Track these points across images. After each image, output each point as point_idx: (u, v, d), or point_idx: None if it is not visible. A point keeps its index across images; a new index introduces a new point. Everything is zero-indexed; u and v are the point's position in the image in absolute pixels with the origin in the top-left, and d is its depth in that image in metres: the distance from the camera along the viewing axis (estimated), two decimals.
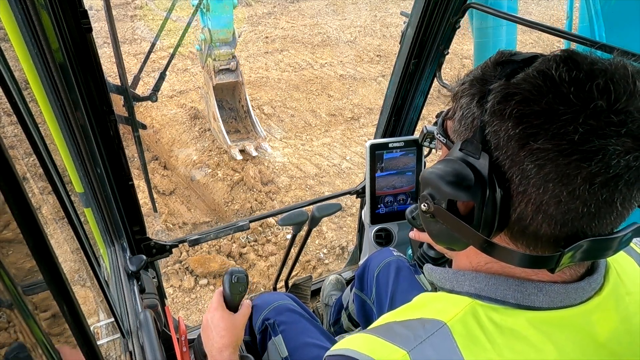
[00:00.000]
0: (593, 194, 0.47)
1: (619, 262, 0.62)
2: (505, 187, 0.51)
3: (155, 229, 3.71)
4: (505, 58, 0.55)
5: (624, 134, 0.46)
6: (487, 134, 0.51)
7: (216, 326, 1.02)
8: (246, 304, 1.08)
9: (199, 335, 1.11)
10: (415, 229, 1.28)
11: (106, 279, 1.31)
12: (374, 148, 1.61)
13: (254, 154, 4.41)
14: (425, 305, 0.60)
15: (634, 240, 0.66)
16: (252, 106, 4.79)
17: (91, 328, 0.69)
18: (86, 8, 0.91)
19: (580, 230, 0.50)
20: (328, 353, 0.60)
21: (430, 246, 1.25)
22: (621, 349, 0.56)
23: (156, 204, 3.79)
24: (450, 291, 0.61)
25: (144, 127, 3.48)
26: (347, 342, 0.58)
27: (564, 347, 0.52)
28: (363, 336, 0.58)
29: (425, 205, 0.57)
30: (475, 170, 0.52)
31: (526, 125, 0.48)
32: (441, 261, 1.21)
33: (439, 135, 0.62)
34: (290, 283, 2.04)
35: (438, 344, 0.52)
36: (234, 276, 1.04)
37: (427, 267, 0.68)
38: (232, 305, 1.06)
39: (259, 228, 3.63)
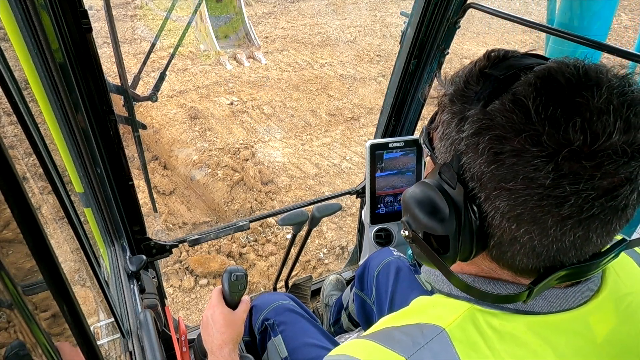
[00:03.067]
0: (564, 234, 0.47)
1: (618, 262, 0.61)
2: (481, 217, 0.51)
3: (155, 229, 3.71)
4: (489, 69, 0.52)
5: (599, 177, 0.43)
6: (463, 164, 0.50)
7: (216, 323, 1.02)
8: (245, 301, 1.08)
9: (199, 334, 1.11)
10: None
11: (106, 279, 1.31)
12: (374, 148, 1.61)
13: (246, 64, 4.05)
14: (423, 310, 0.60)
15: None
16: (251, 106, 4.71)
17: (91, 328, 0.69)
18: (86, 8, 0.91)
19: (557, 260, 0.50)
20: (325, 358, 0.59)
21: None
22: (621, 349, 0.55)
23: (156, 204, 3.78)
24: (448, 295, 0.60)
25: (144, 127, 3.47)
26: (345, 348, 0.58)
27: (563, 351, 0.52)
28: (361, 342, 0.57)
29: (405, 230, 0.58)
30: (451, 201, 0.52)
31: (498, 164, 0.46)
32: None
33: (424, 145, 0.61)
34: (290, 283, 2.04)
35: (437, 350, 0.52)
36: (233, 275, 1.05)
37: (425, 269, 0.67)
38: (231, 303, 1.06)
39: (259, 228, 3.63)
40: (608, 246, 0.53)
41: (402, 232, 0.59)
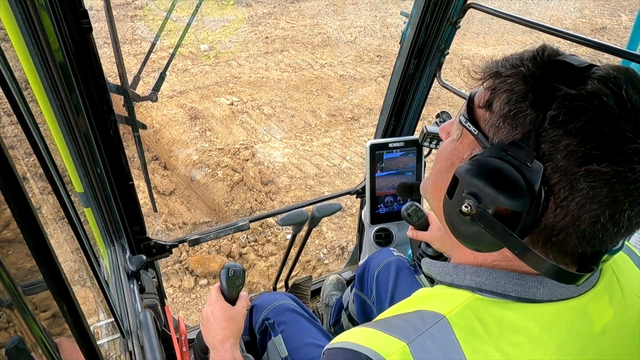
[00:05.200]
0: (629, 219, 0.49)
1: (613, 257, 0.63)
2: (547, 198, 0.50)
3: (155, 229, 3.71)
4: (561, 58, 0.53)
5: None
6: (543, 142, 0.50)
7: (216, 318, 1.03)
8: (243, 296, 1.08)
9: (200, 331, 1.11)
10: (411, 228, 1.28)
11: (106, 279, 1.31)
12: (374, 148, 1.61)
13: None
14: (424, 300, 0.61)
15: (630, 240, 0.67)
16: (251, 106, 4.73)
17: (91, 328, 0.69)
18: (86, 8, 0.91)
19: (604, 245, 0.52)
20: (327, 346, 0.60)
21: (428, 244, 1.26)
22: (616, 340, 0.57)
23: (156, 204, 3.78)
24: (450, 285, 0.61)
25: (144, 127, 3.47)
26: (346, 336, 0.59)
27: (562, 339, 0.53)
28: (362, 329, 0.58)
29: (468, 206, 0.52)
30: (525, 179, 0.50)
31: (593, 145, 0.47)
32: (440, 260, 1.21)
33: (468, 124, 0.57)
34: (290, 283, 2.04)
35: (437, 336, 0.52)
36: (230, 270, 1.05)
37: (425, 261, 0.68)
38: (230, 299, 1.07)
39: (259, 228, 3.63)
40: None
41: (464, 207, 0.53)
